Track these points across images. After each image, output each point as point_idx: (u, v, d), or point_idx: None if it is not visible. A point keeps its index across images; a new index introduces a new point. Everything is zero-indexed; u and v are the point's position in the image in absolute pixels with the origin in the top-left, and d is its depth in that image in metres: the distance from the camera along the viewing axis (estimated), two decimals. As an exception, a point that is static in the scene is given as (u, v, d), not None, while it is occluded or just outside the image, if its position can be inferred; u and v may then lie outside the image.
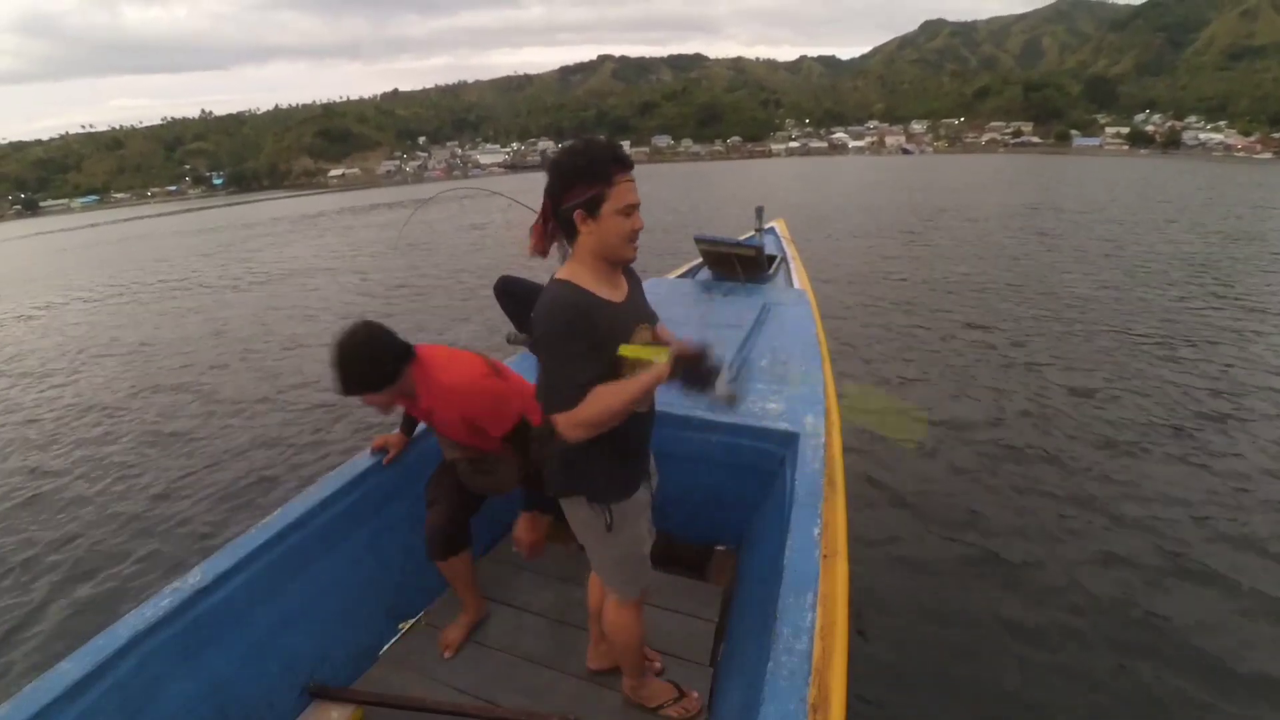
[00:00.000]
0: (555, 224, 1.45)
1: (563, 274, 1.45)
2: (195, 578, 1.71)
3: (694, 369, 1.37)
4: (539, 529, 2.08)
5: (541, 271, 3.41)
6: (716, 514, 2.60)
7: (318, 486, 2.12)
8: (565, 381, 1.37)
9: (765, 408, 2.51)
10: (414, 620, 2.34)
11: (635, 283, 1.62)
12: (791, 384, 2.73)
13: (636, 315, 1.53)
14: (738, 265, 4.65)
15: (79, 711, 1.42)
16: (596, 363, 1.38)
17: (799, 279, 4.61)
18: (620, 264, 1.50)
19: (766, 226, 5.96)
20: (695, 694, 2.00)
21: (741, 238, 5.23)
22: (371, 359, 1.79)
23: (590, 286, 1.43)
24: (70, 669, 1.44)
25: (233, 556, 1.80)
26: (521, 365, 3.12)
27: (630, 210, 1.40)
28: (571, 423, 1.37)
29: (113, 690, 1.48)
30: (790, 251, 5.27)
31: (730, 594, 2.45)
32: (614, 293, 1.48)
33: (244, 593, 1.80)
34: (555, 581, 2.55)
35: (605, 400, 1.35)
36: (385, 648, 2.23)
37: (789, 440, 2.30)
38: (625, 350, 1.40)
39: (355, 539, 2.19)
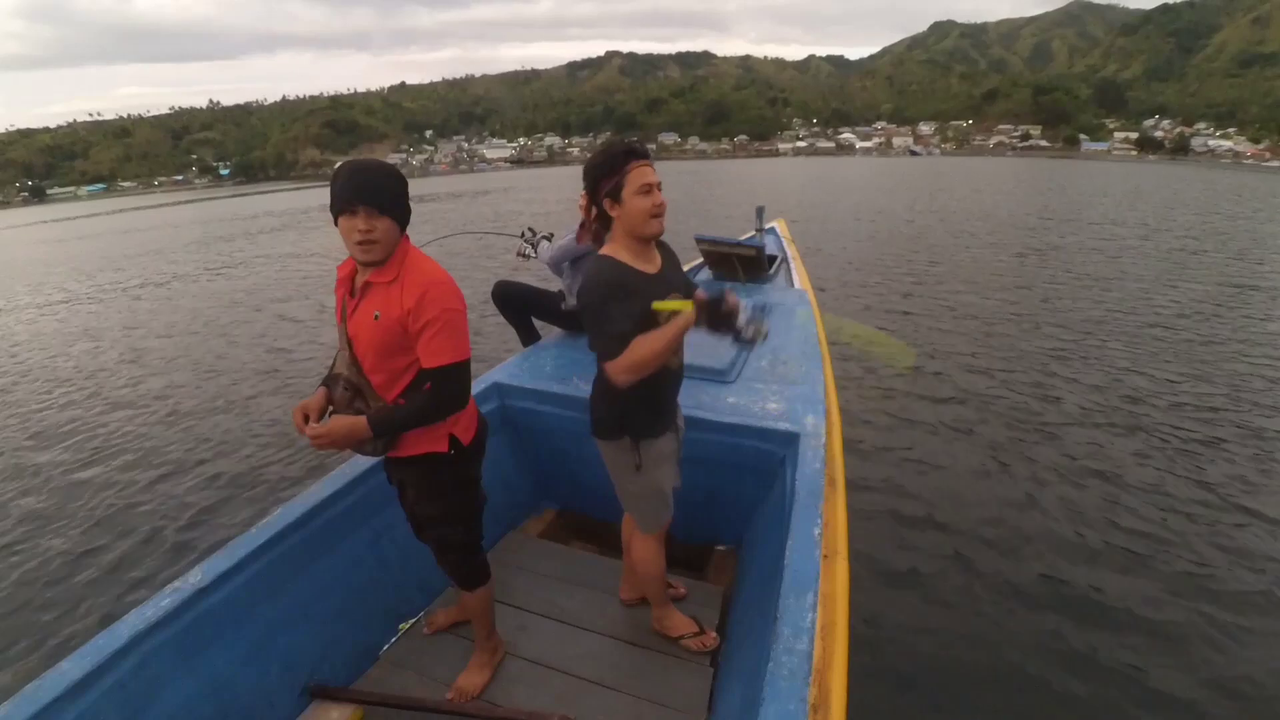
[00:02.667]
0: (596, 216, 1.72)
1: (604, 251, 1.72)
2: (195, 578, 1.70)
3: (715, 312, 1.63)
4: (334, 437, 1.65)
5: (534, 273, 3.43)
6: (716, 514, 2.60)
7: (318, 486, 2.11)
8: (610, 336, 1.60)
9: (765, 408, 2.51)
10: (414, 620, 2.34)
11: (670, 259, 1.86)
12: (791, 384, 2.73)
13: (669, 286, 1.76)
14: (738, 265, 4.63)
15: (79, 711, 1.41)
16: (633, 318, 1.60)
17: (799, 279, 4.59)
18: (647, 238, 1.70)
19: (767, 227, 5.91)
20: (713, 634, 2.19)
21: (742, 238, 5.21)
22: (399, 188, 1.62)
23: (625, 260, 1.68)
24: (70, 669, 1.43)
25: (233, 556, 1.78)
26: (535, 362, 3.12)
27: (647, 189, 1.63)
28: (618, 369, 1.60)
29: (113, 690, 1.47)
30: (790, 252, 5.24)
31: (730, 594, 2.45)
32: (647, 266, 1.73)
33: (244, 593, 1.79)
34: (555, 581, 2.54)
35: (644, 347, 1.59)
36: (385, 648, 2.22)
37: (789, 440, 2.29)
38: (657, 305, 1.64)
39: (355, 539, 2.18)
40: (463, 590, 2.01)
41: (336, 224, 1.59)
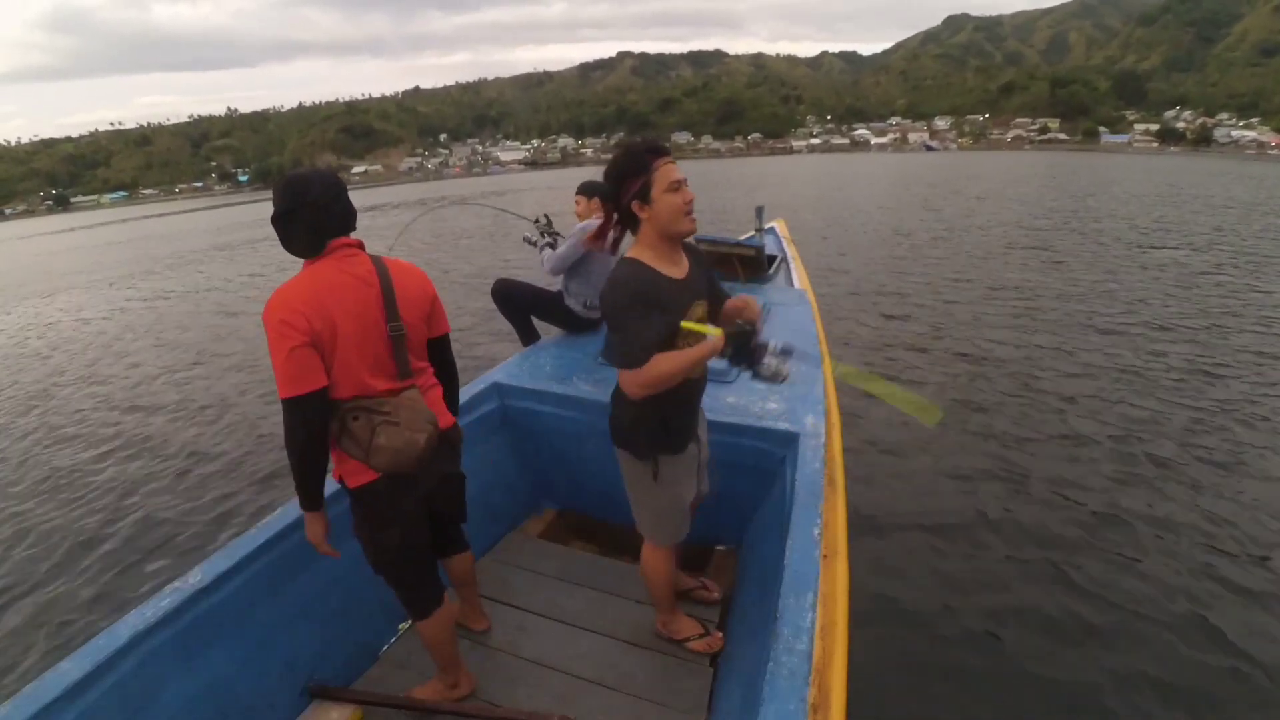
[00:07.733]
0: (620, 220, 1.69)
1: (630, 254, 1.66)
2: (195, 578, 1.72)
3: (743, 348, 1.61)
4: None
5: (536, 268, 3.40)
6: (716, 514, 2.58)
7: None
8: (631, 343, 1.56)
9: (765, 408, 2.51)
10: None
11: (697, 262, 1.81)
12: (791, 384, 2.71)
13: (695, 293, 1.72)
14: (738, 265, 4.63)
15: (79, 711, 1.42)
16: (658, 327, 1.57)
17: (799, 279, 4.58)
18: (680, 237, 1.66)
19: (766, 226, 5.89)
20: (719, 635, 2.21)
21: (741, 238, 5.21)
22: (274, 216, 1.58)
23: (652, 264, 1.63)
24: (70, 669, 1.45)
25: (233, 556, 1.80)
26: (535, 362, 3.13)
27: (676, 186, 1.59)
28: (634, 382, 1.58)
29: (113, 690, 1.49)
30: (790, 251, 5.23)
31: (730, 594, 2.45)
32: (675, 270, 1.68)
33: (244, 593, 1.81)
34: (555, 581, 2.55)
35: (664, 366, 1.56)
36: (385, 648, 2.24)
37: (789, 440, 2.30)
38: (685, 325, 1.62)
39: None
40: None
41: None
